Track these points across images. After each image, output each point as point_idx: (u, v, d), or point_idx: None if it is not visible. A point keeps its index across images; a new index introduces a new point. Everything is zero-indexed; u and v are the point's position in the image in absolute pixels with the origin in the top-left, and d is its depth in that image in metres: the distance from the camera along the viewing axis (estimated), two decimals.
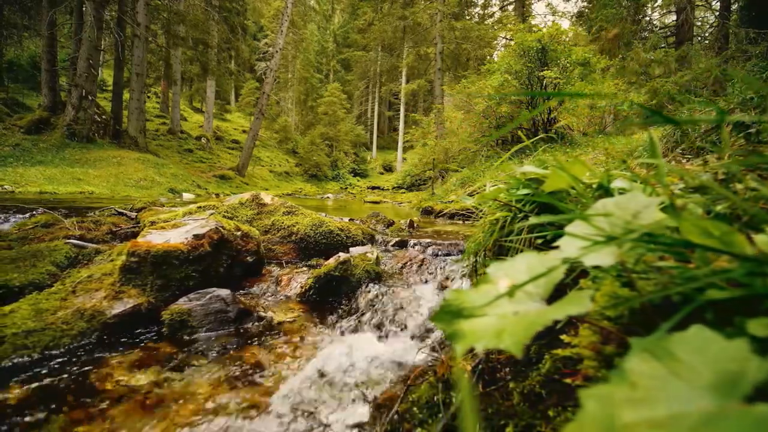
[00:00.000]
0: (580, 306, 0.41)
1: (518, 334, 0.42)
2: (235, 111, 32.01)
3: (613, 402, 0.33)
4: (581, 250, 0.49)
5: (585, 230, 0.55)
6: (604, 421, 0.32)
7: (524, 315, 0.47)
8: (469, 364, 0.98)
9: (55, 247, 2.08)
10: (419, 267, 2.20)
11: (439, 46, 16.72)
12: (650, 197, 0.50)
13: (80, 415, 0.98)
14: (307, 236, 2.50)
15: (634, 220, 0.48)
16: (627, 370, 0.36)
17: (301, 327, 1.55)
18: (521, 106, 8.95)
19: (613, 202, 0.54)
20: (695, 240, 0.42)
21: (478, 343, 0.46)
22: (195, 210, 2.47)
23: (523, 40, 7.57)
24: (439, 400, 0.90)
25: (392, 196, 16.07)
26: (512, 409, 0.87)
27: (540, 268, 0.56)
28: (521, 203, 1.14)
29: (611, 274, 0.64)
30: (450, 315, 0.55)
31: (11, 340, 1.24)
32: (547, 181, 0.84)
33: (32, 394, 1.05)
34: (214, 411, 1.01)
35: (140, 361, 1.24)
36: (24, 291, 1.61)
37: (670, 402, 0.31)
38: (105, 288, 1.51)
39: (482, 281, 0.59)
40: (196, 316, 1.41)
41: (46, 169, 9.23)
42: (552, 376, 0.84)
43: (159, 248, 1.57)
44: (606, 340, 0.64)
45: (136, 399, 1.06)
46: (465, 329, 0.52)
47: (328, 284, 1.82)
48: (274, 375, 1.18)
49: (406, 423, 0.88)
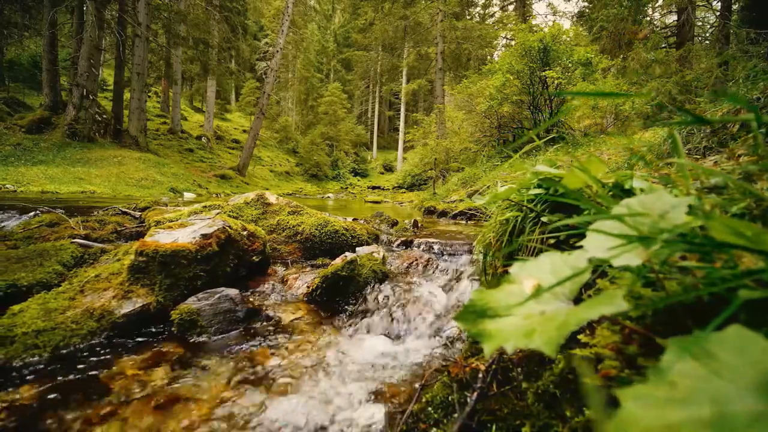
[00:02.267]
0: (614, 306, 0.41)
1: (550, 334, 0.42)
2: (235, 110, 31.99)
3: (653, 401, 0.33)
4: (610, 251, 0.49)
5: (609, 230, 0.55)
6: (646, 420, 0.32)
7: (553, 315, 0.47)
8: (482, 364, 0.98)
9: (61, 247, 2.08)
10: (425, 267, 2.19)
11: (440, 45, 16.71)
12: (677, 197, 0.50)
13: (93, 415, 0.98)
14: (312, 236, 2.49)
15: (661, 220, 0.48)
16: (665, 370, 0.35)
17: (310, 327, 1.54)
18: (522, 106, 8.94)
19: (637, 202, 0.54)
20: (727, 240, 0.42)
21: (507, 343, 0.46)
22: (201, 209, 2.47)
23: (525, 40, 7.57)
24: (455, 399, 0.90)
25: (393, 196, 16.06)
26: (527, 409, 0.87)
27: (565, 268, 0.56)
28: (533, 203, 1.14)
29: (632, 274, 0.64)
30: (474, 315, 0.55)
31: (21, 340, 1.24)
32: (564, 180, 0.84)
33: (44, 393, 1.05)
34: (226, 411, 1.01)
35: (151, 361, 1.24)
36: (32, 290, 1.61)
37: (715, 402, 0.31)
38: (114, 287, 1.51)
39: (505, 281, 0.59)
40: (206, 315, 1.41)
41: (47, 169, 9.22)
42: (566, 376, 0.84)
43: (167, 248, 1.57)
44: (628, 340, 0.64)
45: (149, 399, 1.06)
46: (490, 329, 0.52)
47: (336, 284, 1.81)
48: (285, 375, 1.18)
49: (421, 423, 0.87)
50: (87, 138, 12.01)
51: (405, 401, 1.03)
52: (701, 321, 0.50)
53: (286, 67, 30.11)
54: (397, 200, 12.81)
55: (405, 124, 29.01)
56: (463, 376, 0.95)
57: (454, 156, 11.20)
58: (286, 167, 24.68)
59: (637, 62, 12.68)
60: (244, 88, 27.61)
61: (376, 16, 20.21)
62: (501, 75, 8.00)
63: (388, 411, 0.99)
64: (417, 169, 17.31)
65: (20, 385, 1.07)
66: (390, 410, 0.99)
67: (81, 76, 11.58)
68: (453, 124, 11.86)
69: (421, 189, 16.78)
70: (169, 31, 15.69)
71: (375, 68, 31.47)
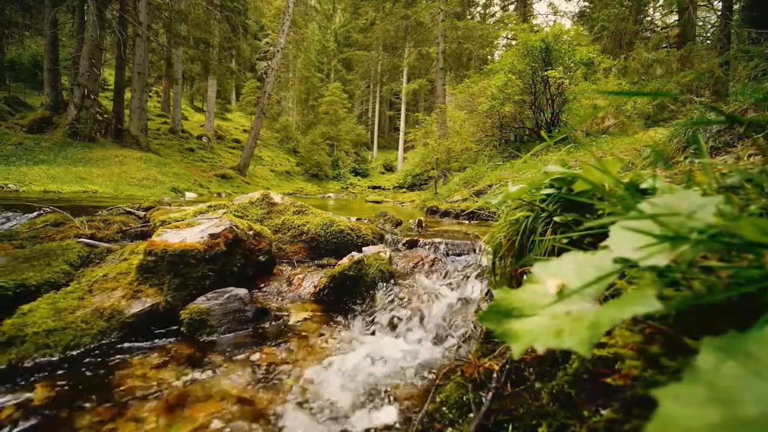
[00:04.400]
0: (647, 306, 0.41)
1: (581, 334, 0.42)
2: (236, 110, 32.00)
3: (693, 401, 0.33)
4: (637, 251, 0.49)
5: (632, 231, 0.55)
6: (688, 420, 0.31)
7: (580, 315, 0.47)
8: (496, 364, 0.98)
9: (67, 246, 2.08)
10: (431, 266, 2.20)
11: (441, 45, 16.70)
12: (704, 197, 0.50)
13: (106, 415, 0.98)
14: (318, 236, 2.49)
15: (689, 220, 0.48)
16: (702, 370, 0.35)
17: (318, 327, 1.54)
18: (524, 106, 8.94)
19: (662, 201, 0.54)
20: (758, 240, 0.42)
21: (537, 342, 0.46)
22: (206, 209, 2.47)
23: (528, 40, 7.57)
24: (470, 399, 0.90)
25: (393, 196, 16.06)
26: (543, 409, 0.87)
27: (589, 268, 0.56)
28: (544, 203, 1.14)
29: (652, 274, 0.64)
30: (499, 315, 0.55)
31: (32, 340, 1.24)
32: (580, 180, 0.84)
33: (57, 394, 1.05)
34: (240, 412, 1.01)
35: (162, 361, 1.24)
36: (40, 290, 1.61)
37: (759, 402, 0.31)
38: (122, 287, 1.51)
39: (527, 281, 0.59)
40: (215, 315, 1.41)
41: (49, 168, 9.22)
42: (581, 376, 0.84)
43: (176, 247, 1.57)
44: (649, 340, 0.64)
45: (161, 399, 1.06)
46: (517, 329, 0.52)
47: (343, 284, 1.82)
48: (297, 376, 1.18)
49: (436, 423, 0.88)
50: (88, 138, 12.01)
51: (418, 401, 1.03)
52: (731, 321, 0.50)
53: (286, 67, 30.10)
54: (397, 200, 12.82)
55: (405, 123, 29.01)
56: (477, 375, 0.95)
57: (455, 156, 11.20)
58: (286, 167, 24.69)
59: (638, 62, 12.69)
60: (245, 88, 27.61)
61: (377, 15, 20.20)
62: (503, 75, 8.00)
63: (402, 411, 0.99)
64: (418, 168, 17.31)
65: (33, 386, 1.07)
66: (404, 410, 0.99)
67: (82, 76, 11.59)
68: (454, 124, 11.86)
69: (421, 189, 16.78)
70: (170, 31, 15.69)
71: (376, 68, 31.46)
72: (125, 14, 13.58)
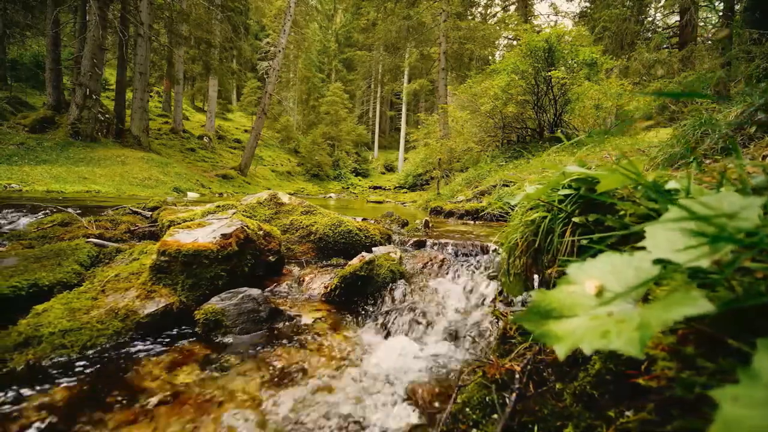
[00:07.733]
0: (698, 307, 0.41)
1: (630, 335, 0.42)
2: (237, 110, 32.00)
3: (754, 402, 0.33)
4: (677, 252, 0.48)
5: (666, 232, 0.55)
6: (751, 420, 0.31)
7: (623, 316, 0.47)
8: (517, 365, 0.98)
9: (77, 246, 2.08)
10: (440, 267, 2.19)
11: (443, 45, 16.70)
12: (746, 197, 0.50)
13: (128, 416, 0.98)
14: (326, 236, 2.49)
15: (731, 220, 0.48)
16: (760, 371, 0.35)
17: (332, 327, 1.54)
18: (526, 107, 8.94)
19: (699, 202, 0.54)
20: None
21: (582, 344, 0.46)
22: (215, 209, 2.47)
23: (531, 40, 7.57)
24: (493, 400, 0.90)
25: (394, 196, 16.06)
26: (567, 410, 0.86)
27: (627, 269, 0.56)
28: (563, 203, 1.14)
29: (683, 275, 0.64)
30: (538, 316, 0.55)
31: (48, 340, 1.24)
32: (603, 180, 0.84)
33: (78, 394, 1.05)
34: (259, 412, 1.01)
35: (178, 361, 1.24)
36: (53, 290, 1.61)
37: None
38: (136, 287, 1.51)
39: (563, 282, 0.59)
40: (230, 315, 1.41)
41: (51, 168, 9.22)
42: (604, 377, 0.84)
43: (189, 247, 1.57)
44: (683, 340, 0.64)
45: (179, 399, 1.05)
46: (556, 330, 0.52)
47: (354, 284, 1.81)
48: (314, 377, 1.18)
49: (460, 424, 0.87)
50: (90, 137, 12.01)
51: (438, 401, 1.03)
52: None
53: (287, 67, 30.10)
54: (399, 200, 12.82)
55: (406, 124, 29.03)
56: (500, 376, 0.95)
57: (457, 156, 11.20)
58: (287, 167, 24.69)
59: (640, 63, 12.69)
60: (246, 88, 27.61)
61: (379, 16, 20.19)
62: (506, 75, 8.00)
63: (424, 412, 0.99)
64: (419, 169, 17.30)
65: (53, 386, 1.07)
66: (426, 410, 0.99)
67: (84, 76, 11.59)
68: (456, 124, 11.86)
69: (423, 189, 16.77)
70: (172, 31, 15.68)
71: (377, 68, 31.46)
72: (127, 14, 13.59)
